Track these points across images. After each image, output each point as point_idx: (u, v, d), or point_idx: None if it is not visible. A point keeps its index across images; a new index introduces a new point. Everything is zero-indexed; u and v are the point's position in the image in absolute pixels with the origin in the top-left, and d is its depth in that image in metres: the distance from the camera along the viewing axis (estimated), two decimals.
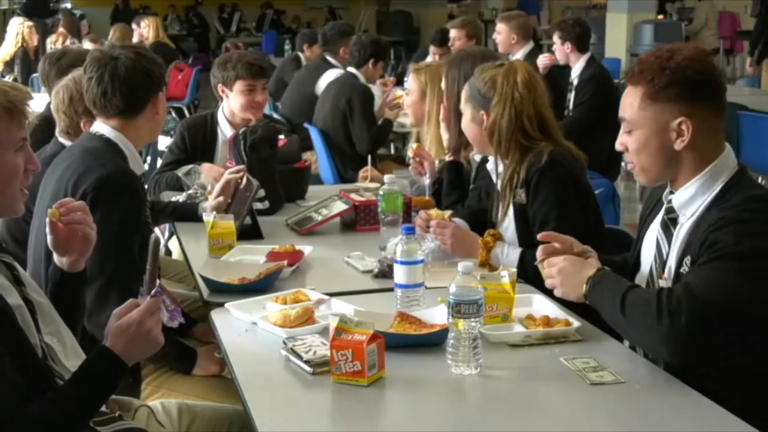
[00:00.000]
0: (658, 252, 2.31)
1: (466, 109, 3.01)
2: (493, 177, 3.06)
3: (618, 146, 2.32)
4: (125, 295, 2.45)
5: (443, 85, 3.57)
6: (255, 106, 4.14)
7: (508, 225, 2.94)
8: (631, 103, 2.24)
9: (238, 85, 4.10)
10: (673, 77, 2.17)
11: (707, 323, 1.98)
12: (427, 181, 3.73)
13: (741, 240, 2.05)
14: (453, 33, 7.14)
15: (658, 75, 2.18)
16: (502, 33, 6.71)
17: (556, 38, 6.28)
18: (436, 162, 3.75)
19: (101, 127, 2.86)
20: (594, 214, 2.92)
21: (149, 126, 2.92)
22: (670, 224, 2.28)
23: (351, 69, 5.95)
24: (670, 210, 2.27)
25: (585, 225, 2.80)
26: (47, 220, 2.11)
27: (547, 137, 2.90)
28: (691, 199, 2.22)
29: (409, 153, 3.84)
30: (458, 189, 3.54)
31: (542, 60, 6.31)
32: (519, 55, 6.51)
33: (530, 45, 6.71)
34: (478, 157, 3.56)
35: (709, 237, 2.10)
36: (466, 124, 3.03)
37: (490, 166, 3.08)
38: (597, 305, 2.20)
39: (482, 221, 3.12)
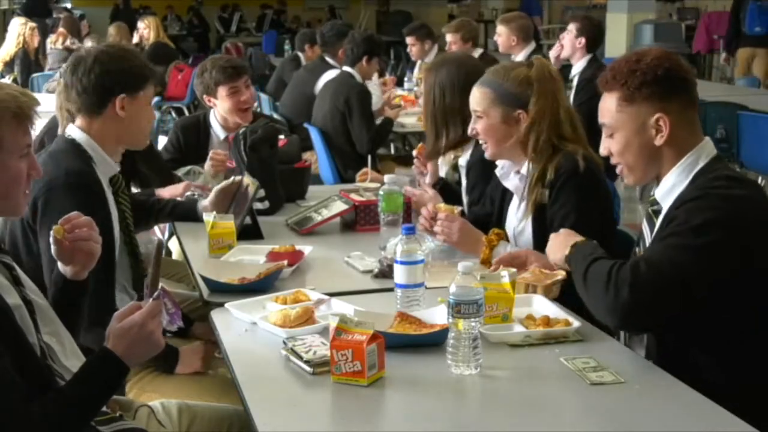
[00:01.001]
0: (642, 243, 2.37)
1: (492, 112, 2.92)
2: (506, 182, 3.01)
3: (602, 151, 2.42)
4: (97, 300, 2.41)
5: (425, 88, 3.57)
6: (242, 107, 4.19)
7: (525, 226, 2.93)
8: (608, 108, 2.35)
9: (221, 91, 4.17)
10: (645, 78, 2.27)
11: (649, 297, 2.10)
12: (427, 180, 3.73)
13: (693, 215, 2.15)
14: (449, 37, 7.13)
15: (630, 78, 2.28)
16: (502, 35, 6.69)
17: (572, 28, 6.14)
18: (447, 163, 3.72)
19: (71, 129, 2.83)
20: (609, 222, 2.90)
21: (115, 127, 2.81)
22: (653, 216, 2.35)
23: (347, 68, 5.94)
24: (654, 202, 2.35)
25: (601, 234, 2.78)
26: (51, 234, 2.11)
27: (575, 134, 2.89)
28: (671, 188, 2.29)
29: (414, 153, 3.85)
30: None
31: (556, 50, 6.26)
32: (520, 56, 6.48)
33: (532, 46, 6.66)
34: (463, 161, 3.56)
35: (670, 215, 2.22)
36: (494, 127, 2.92)
37: (500, 171, 3.02)
38: (572, 268, 2.34)
39: (486, 223, 3.10)
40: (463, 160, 3.56)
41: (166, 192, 3.74)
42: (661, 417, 1.91)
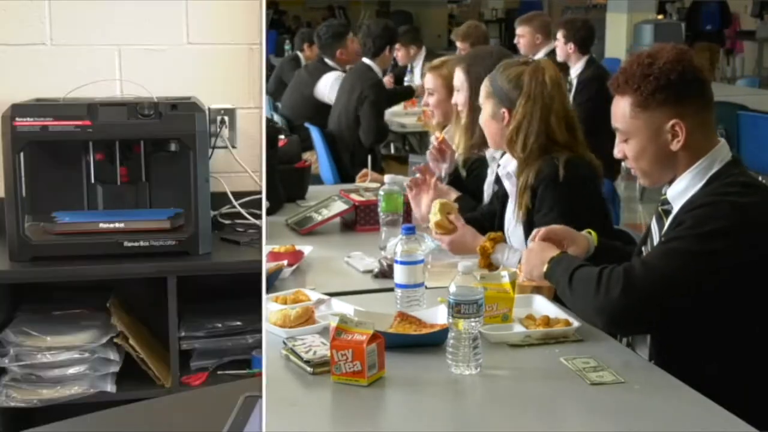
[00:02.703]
0: (651, 242, 2.35)
1: (486, 105, 2.93)
2: (505, 179, 3.01)
3: (617, 154, 2.36)
4: None
5: (466, 82, 3.51)
6: None
7: (516, 228, 2.93)
8: (622, 113, 2.28)
9: None
10: (658, 83, 2.20)
11: (641, 298, 2.09)
12: (445, 169, 3.74)
13: (702, 222, 2.11)
14: (458, 44, 7.15)
15: (643, 83, 2.22)
16: (525, 36, 6.67)
17: (559, 36, 6.24)
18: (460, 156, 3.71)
19: None
20: (602, 226, 2.85)
21: None
22: (663, 215, 2.33)
23: (366, 60, 5.96)
24: (665, 202, 2.33)
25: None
26: None
27: (573, 139, 2.86)
28: (684, 190, 2.26)
29: (432, 140, 3.85)
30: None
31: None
32: (540, 55, 6.47)
33: (552, 44, 6.68)
34: (498, 155, 3.55)
35: (679, 218, 2.19)
36: (486, 120, 2.95)
37: (503, 171, 3.01)
38: (554, 283, 2.34)
39: (491, 226, 3.09)
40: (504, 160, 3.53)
41: None
42: (661, 417, 1.90)
